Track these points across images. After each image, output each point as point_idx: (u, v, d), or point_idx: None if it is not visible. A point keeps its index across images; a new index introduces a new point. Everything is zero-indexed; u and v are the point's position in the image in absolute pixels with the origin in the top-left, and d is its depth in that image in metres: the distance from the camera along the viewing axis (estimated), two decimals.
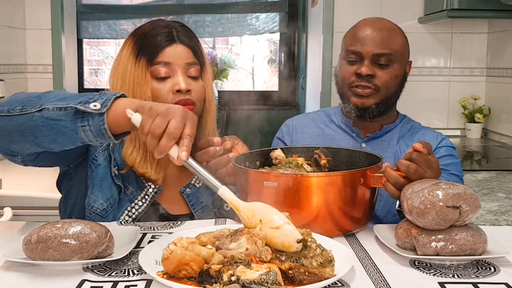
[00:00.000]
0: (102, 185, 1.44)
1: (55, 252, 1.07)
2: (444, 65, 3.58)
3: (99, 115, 1.12)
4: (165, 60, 1.44)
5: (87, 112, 1.12)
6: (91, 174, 1.44)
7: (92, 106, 1.12)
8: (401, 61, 1.69)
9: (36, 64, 3.42)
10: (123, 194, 1.47)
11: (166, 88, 1.43)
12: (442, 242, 1.13)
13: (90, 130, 1.13)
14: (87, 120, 1.13)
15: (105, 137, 1.14)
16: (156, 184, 1.49)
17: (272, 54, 4.56)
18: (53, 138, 1.17)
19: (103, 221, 1.42)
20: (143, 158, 1.46)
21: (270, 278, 0.96)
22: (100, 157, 1.45)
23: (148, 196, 1.49)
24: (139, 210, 1.47)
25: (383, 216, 1.64)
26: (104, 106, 1.12)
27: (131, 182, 1.48)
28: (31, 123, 1.17)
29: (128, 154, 1.45)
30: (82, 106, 1.13)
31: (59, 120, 1.14)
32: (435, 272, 1.11)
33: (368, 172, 1.32)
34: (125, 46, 1.49)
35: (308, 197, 1.26)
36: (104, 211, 1.44)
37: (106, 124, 1.12)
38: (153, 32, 1.45)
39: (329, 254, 1.06)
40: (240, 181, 1.38)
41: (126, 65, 1.45)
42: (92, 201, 1.44)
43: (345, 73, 1.70)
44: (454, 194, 1.13)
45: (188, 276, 1.03)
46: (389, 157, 1.69)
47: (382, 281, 1.06)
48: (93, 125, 1.13)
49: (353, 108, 1.69)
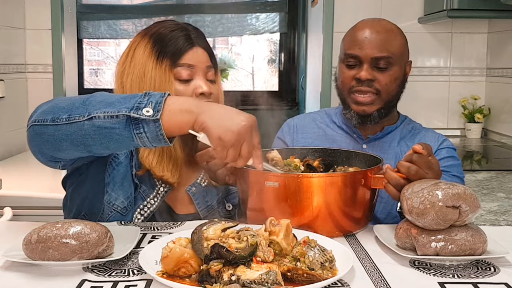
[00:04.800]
0: (123, 183, 1.45)
1: (55, 252, 1.07)
2: (444, 65, 3.58)
3: (153, 121, 1.12)
4: (189, 63, 1.46)
5: (141, 119, 1.12)
6: (112, 171, 1.45)
7: (145, 112, 1.12)
8: (401, 62, 1.68)
9: (36, 64, 3.41)
10: (137, 193, 1.47)
11: (189, 90, 1.46)
12: (442, 242, 1.13)
13: (146, 136, 1.13)
14: (143, 128, 1.12)
15: (161, 142, 1.14)
16: (168, 184, 1.49)
17: (272, 54, 4.56)
18: (106, 145, 1.17)
19: (123, 219, 1.43)
20: (159, 160, 1.46)
21: (270, 278, 0.97)
22: (122, 156, 1.45)
23: (159, 195, 1.49)
24: (151, 209, 1.47)
25: (383, 218, 1.64)
26: (157, 111, 1.12)
27: (144, 181, 1.48)
28: (81, 132, 1.16)
29: (145, 156, 1.46)
30: (136, 114, 1.12)
31: (113, 128, 1.14)
32: (435, 272, 1.11)
33: (368, 173, 1.32)
34: (139, 45, 1.49)
35: (309, 197, 1.26)
36: (125, 209, 1.44)
37: (162, 130, 1.12)
38: (173, 35, 1.47)
39: (330, 254, 1.07)
40: (240, 182, 1.38)
41: (145, 65, 1.45)
42: (113, 199, 1.44)
43: (344, 78, 1.69)
44: (453, 194, 1.13)
45: (187, 274, 1.03)
46: (390, 158, 1.69)
47: (382, 281, 1.06)
48: (149, 132, 1.13)
49: (354, 115, 1.69)
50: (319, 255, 1.06)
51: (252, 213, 1.36)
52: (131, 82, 1.47)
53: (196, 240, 1.05)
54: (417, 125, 1.82)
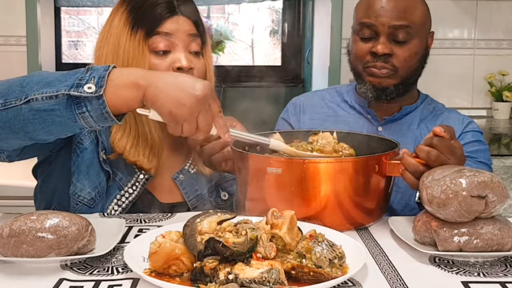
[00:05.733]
0: (89, 171, 1.44)
1: (30, 247, 1.07)
2: (468, 37, 3.56)
3: (96, 98, 1.12)
4: (165, 31, 1.44)
5: (83, 97, 1.12)
6: (76, 159, 1.44)
7: (86, 89, 1.12)
8: (422, 34, 1.67)
9: (8, 36, 3.39)
10: (112, 181, 1.47)
11: (166, 64, 1.44)
12: (465, 237, 1.13)
13: (90, 116, 1.13)
14: (85, 106, 1.13)
15: (107, 120, 1.15)
16: (144, 170, 1.49)
17: (274, 24, 4.53)
18: (48, 130, 1.17)
19: (91, 212, 1.43)
20: (134, 144, 1.45)
21: (272, 277, 0.97)
22: (86, 140, 1.45)
23: (139, 183, 1.49)
24: (129, 199, 1.47)
25: (400, 209, 1.64)
26: (99, 87, 1.12)
27: (120, 168, 1.48)
28: (20, 118, 1.16)
29: (117, 140, 1.45)
30: (76, 91, 1.12)
31: (52, 110, 1.14)
32: (458, 270, 1.11)
33: (383, 158, 1.32)
34: (115, 15, 1.48)
35: (315, 185, 1.26)
36: (92, 201, 1.44)
37: (107, 107, 1.12)
38: (151, 2, 1.45)
39: (339, 250, 1.07)
40: (238, 167, 1.38)
41: (119, 37, 1.45)
42: (78, 190, 1.44)
43: (358, 52, 1.69)
44: (479, 182, 1.13)
45: (179, 272, 1.03)
46: (408, 142, 1.69)
47: (399, 280, 1.06)
48: (93, 110, 1.13)
49: (369, 88, 1.69)
50: (327, 251, 1.06)
51: (251, 203, 1.36)
52: (106, 56, 1.46)
53: (188, 234, 1.05)
54: (439, 105, 1.81)
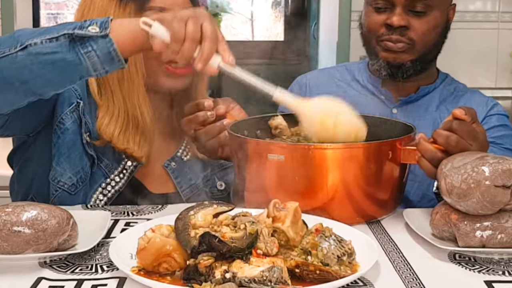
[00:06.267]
0: (70, 154, 1.45)
1: (5, 243, 1.07)
2: (491, 9, 3.55)
3: (102, 37, 1.16)
4: (159, 5, 1.45)
5: (88, 36, 1.16)
6: (57, 141, 1.45)
7: (91, 29, 1.16)
8: (442, 5, 1.67)
9: None
10: (96, 168, 1.48)
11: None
12: (489, 231, 1.13)
13: (96, 55, 1.17)
14: (91, 45, 1.17)
15: (114, 61, 1.18)
16: (134, 158, 1.49)
17: None
18: (48, 78, 1.20)
19: (72, 199, 1.44)
20: (123, 130, 1.46)
21: (274, 276, 0.97)
22: (68, 120, 1.45)
23: (127, 171, 1.50)
24: (116, 188, 1.48)
25: (416, 201, 1.64)
26: (104, 28, 1.16)
27: (107, 153, 1.49)
28: (15, 66, 1.18)
29: (104, 125, 1.45)
30: (80, 31, 1.16)
31: (54, 53, 1.17)
32: (480, 268, 1.11)
33: (397, 144, 1.31)
34: None
35: (322, 174, 1.26)
36: (73, 187, 1.45)
37: (115, 44, 1.17)
38: None
39: (348, 246, 1.07)
40: (236, 154, 1.38)
41: (106, 10, 1.46)
42: (58, 175, 1.44)
43: (371, 24, 1.68)
44: (504, 171, 1.13)
45: (170, 270, 1.03)
46: (426, 126, 1.68)
47: (414, 280, 1.06)
48: (99, 49, 1.17)
49: (383, 64, 1.68)
50: (335, 247, 1.06)
51: (251, 194, 1.36)
52: None
53: (181, 228, 1.05)
54: (460, 86, 1.81)
